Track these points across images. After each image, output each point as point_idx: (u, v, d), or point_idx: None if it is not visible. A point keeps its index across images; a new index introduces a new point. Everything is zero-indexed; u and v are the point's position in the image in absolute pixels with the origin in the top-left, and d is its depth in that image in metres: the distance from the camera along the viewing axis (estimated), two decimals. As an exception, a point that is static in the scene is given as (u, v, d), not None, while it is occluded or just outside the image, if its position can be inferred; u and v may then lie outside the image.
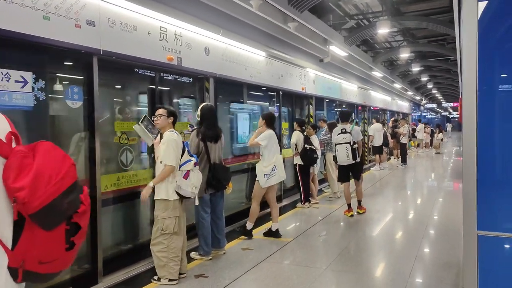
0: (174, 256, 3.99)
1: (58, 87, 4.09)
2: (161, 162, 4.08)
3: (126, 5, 4.55)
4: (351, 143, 7.14)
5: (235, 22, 6.62)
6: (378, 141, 13.68)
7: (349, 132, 7.24)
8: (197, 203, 4.58)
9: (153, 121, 4.26)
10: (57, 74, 4.15)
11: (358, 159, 7.29)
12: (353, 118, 13.26)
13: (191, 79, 6.05)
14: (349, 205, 7.29)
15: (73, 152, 4.26)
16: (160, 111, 4.27)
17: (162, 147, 4.06)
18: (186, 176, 3.97)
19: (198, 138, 4.94)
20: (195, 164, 4.07)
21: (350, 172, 7.37)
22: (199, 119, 5.06)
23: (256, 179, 5.82)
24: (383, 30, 9.26)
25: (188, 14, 5.53)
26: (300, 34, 8.13)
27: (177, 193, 4.15)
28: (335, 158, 7.38)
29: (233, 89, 7.37)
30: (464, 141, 2.85)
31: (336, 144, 7.28)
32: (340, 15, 10.77)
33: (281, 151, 8.71)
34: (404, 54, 13.54)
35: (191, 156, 4.07)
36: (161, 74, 5.43)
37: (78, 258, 4.34)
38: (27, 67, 3.64)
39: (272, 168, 5.72)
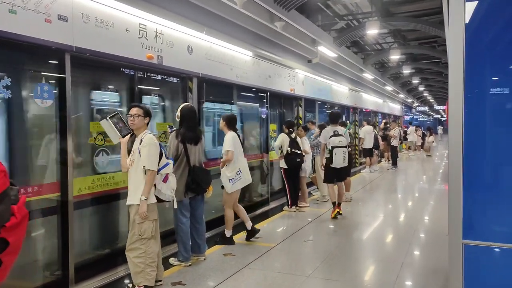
0: (151, 261, 3.81)
1: (25, 85, 3.88)
2: (144, 167, 3.89)
3: (102, 1, 4.35)
4: (347, 146, 7.12)
5: (220, 21, 6.44)
6: (368, 144, 13.55)
7: (343, 135, 7.18)
8: (175, 206, 4.39)
9: (126, 120, 4.07)
10: (25, 71, 3.94)
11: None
12: (343, 120, 13.18)
13: (173, 79, 5.86)
14: (334, 204, 7.22)
15: (43, 154, 4.05)
16: (136, 110, 4.07)
17: (144, 151, 3.87)
18: (166, 179, 3.83)
19: (177, 139, 4.75)
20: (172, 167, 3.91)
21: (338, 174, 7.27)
22: (178, 120, 4.87)
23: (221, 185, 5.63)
24: (372, 31, 9.13)
25: (170, 11, 5.35)
26: (287, 34, 7.98)
27: (156, 197, 3.98)
28: (329, 160, 7.20)
29: (218, 90, 7.18)
30: (450, 147, 2.77)
31: (333, 147, 7.13)
32: (329, 15, 10.64)
33: (268, 152, 8.62)
34: (395, 56, 13.45)
35: (168, 158, 3.88)
36: (141, 73, 5.24)
37: (48, 264, 4.13)
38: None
39: (237, 172, 5.52)
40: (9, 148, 3.82)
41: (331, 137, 7.17)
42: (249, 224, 5.83)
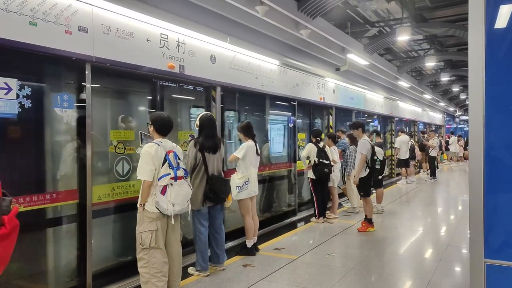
0: (156, 271, 3.75)
1: (46, 94, 3.99)
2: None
3: (122, 12, 4.43)
4: None
5: (244, 29, 6.43)
6: (404, 154, 13.08)
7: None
8: (189, 218, 4.35)
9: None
10: (46, 81, 4.05)
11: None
12: (377, 130, 12.80)
13: (196, 88, 5.88)
14: (371, 220, 7.03)
15: (63, 162, 4.14)
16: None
17: (139, 161, 3.84)
18: (163, 191, 3.70)
19: (195, 148, 4.74)
20: (175, 179, 3.77)
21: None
22: (197, 128, 4.86)
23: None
24: (403, 37, 8.81)
25: (192, 21, 5.38)
26: (314, 41, 7.84)
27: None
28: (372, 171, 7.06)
29: (244, 99, 7.14)
30: (470, 160, 2.58)
31: (379, 159, 7.13)
32: (360, 22, 10.41)
33: (295, 161, 8.48)
34: (430, 63, 12.94)
35: (172, 168, 3.78)
36: (162, 82, 5.29)
37: (66, 271, 4.20)
38: (11, 73, 3.55)
39: (245, 181, 5.40)
40: (30, 156, 3.93)
41: (373, 148, 6.97)
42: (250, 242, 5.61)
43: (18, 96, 3.56)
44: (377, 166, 7.24)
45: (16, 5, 3.46)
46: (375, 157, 7.18)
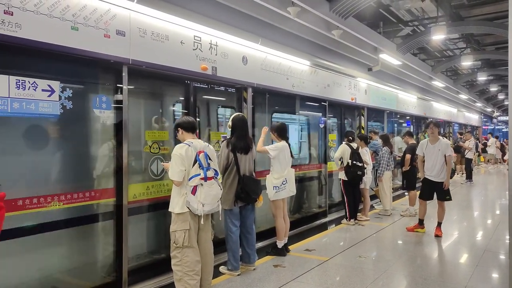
0: (188, 270, 3.83)
1: (86, 96, 4.16)
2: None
3: (158, 15, 4.55)
4: None
5: (275, 30, 6.45)
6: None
7: None
8: (221, 218, 4.41)
9: None
10: (85, 83, 4.21)
11: None
12: (411, 131, 12.52)
13: (227, 89, 5.96)
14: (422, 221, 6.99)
15: (101, 161, 4.30)
16: None
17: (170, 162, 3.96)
18: (194, 191, 3.77)
19: (228, 149, 4.81)
20: (205, 179, 3.83)
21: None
22: (230, 129, 4.93)
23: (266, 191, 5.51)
24: (438, 36, 8.58)
25: (224, 23, 5.45)
26: (346, 42, 7.78)
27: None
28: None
29: (275, 99, 7.16)
30: (510, 162, 2.50)
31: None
32: (393, 21, 10.22)
33: (326, 162, 8.42)
34: (467, 62, 12.53)
35: (202, 169, 3.84)
36: (195, 83, 5.39)
37: (103, 266, 4.35)
38: (54, 76, 3.71)
39: (283, 181, 5.42)
40: (70, 155, 4.10)
41: (425, 148, 6.88)
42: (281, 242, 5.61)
43: (60, 97, 3.72)
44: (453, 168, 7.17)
45: (59, 11, 3.62)
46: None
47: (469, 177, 14.32)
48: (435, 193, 6.84)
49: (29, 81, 3.49)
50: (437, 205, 6.84)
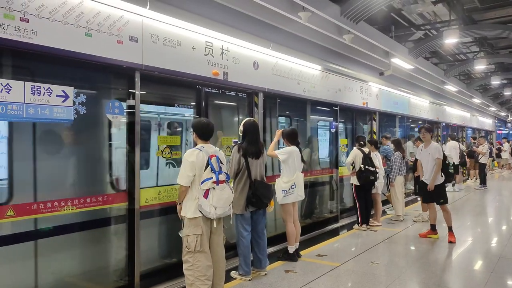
0: (200, 275, 3.83)
1: (99, 101, 4.21)
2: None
3: (170, 21, 4.59)
4: None
5: (286, 36, 6.46)
6: (455, 160, 12.58)
7: None
8: (231, 222, 4.41)
9: None
10: (98, 89, 4.27)
11: None
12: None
13: (238, 94, 5.97)
14: (434, 226, 6.93)
15: (113, 166, 4.34)
16: None
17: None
18: (206, 195, 3.79)
19: (239, 153, 4.81)
20: (217, 183, 3.84)
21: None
22: (241, 134, 4.94)
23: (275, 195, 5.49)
24: (451, 40, 8.50)
25: (235, 28, 5.47)
26: (357, 46, 7.75)
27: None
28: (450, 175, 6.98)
29: (286, 104, 7.16)
30: None
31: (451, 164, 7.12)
32: (404, 25, 10.15)
33: (337, 167, 8.38)
34: (480, 66, 12.39)
35: (214, 173, 3.85)
36: (207, 88, 5.42)
37: (116, 270, 4.38)
38: (68, 82, 3.77)
39: (291, 185, 5.41)
40: (84, 159, 4.15)
41: (420, 152, 6.89)
42: (292, 248, 5.57)
43: (74, 103, 3.77)
44: (451, 170, 7.08)
45: (73, 18, 3.69)
46: (447, 162, 7.07)
47: (483, 182, 14.12)
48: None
49: (44, 87, 3.54)
50: (441, 210, 6.81)
